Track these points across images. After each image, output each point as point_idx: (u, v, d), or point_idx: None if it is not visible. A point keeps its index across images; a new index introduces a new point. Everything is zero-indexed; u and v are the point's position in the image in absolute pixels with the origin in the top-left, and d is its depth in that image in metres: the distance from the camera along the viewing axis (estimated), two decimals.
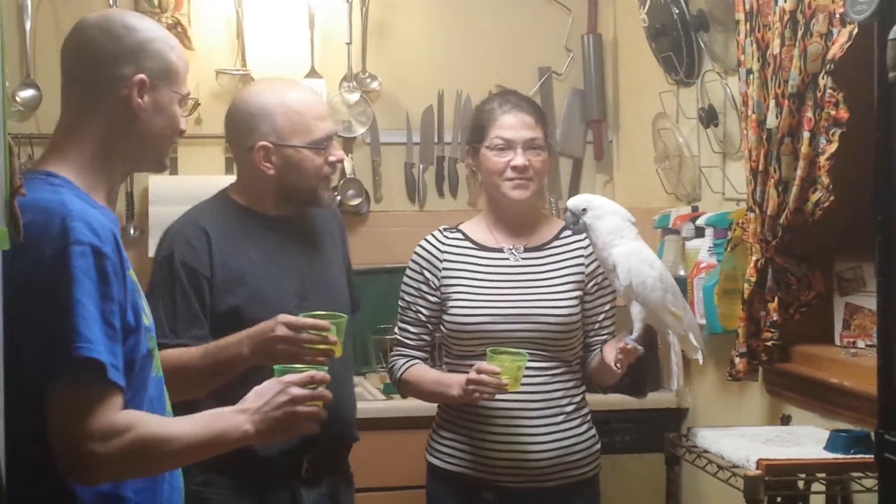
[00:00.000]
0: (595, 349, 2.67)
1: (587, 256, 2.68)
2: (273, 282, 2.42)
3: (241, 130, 2.45)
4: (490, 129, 2.64)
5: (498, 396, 2.51)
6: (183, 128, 1.85)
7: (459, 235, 2.73)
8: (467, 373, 2.51)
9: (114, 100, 1.77)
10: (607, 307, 2.70)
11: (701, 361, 2.61)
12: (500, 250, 2.69)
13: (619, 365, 2.50)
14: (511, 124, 2.63)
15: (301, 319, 2.21)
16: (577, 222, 2.51)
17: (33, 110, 3.69)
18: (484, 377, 2.44)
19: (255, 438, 1.81)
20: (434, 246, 2.71)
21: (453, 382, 2.55)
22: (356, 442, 2.60)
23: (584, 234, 2.58)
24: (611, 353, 2.52)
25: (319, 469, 2.47)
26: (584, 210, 2.50)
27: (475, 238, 2.72)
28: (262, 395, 1.84)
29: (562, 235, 2.71)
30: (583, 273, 2.67)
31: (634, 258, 2.46)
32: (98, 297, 1.62)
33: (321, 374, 1.93)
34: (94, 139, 1.76)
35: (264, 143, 2.40)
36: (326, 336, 2.17)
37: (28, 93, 3.65)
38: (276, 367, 1.99)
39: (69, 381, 1.61)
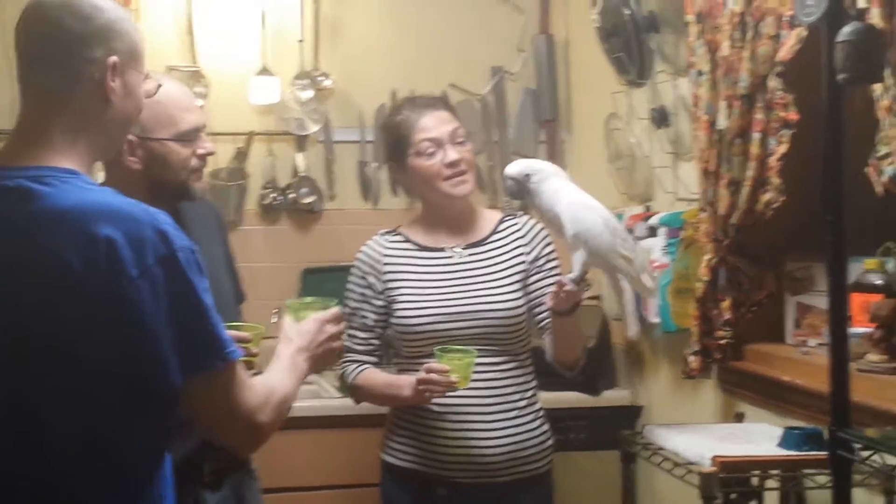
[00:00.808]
0: (549, 329, 2.64)
1: (527, 244, 2.69)
2: None
3: None
4: (412, 136, 2.62)
5: (449, 394, 2.51)
6: (141, 110, 1.79)
7: (400, 238, 2.73)
8: (418, 373, 2.51)
9: (87, 84, 1.67)
10: (555, 286, 2.68)
11: (651, 295, 2.68)
12: (442, 249, 2.69)
13: (554, 304, 2.47)
14: (431, 124, 2.62)
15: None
16: (520, 189, 2.51)
17: None
18: (433, 376, 2.45)
19: (308, 372, 1.96)
20: (375, 250, 2.70)
21: (404, 384, 2.56)
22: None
23: (524, 221, 2.68)
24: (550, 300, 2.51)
25: (220, 472, 2.42)
26: (528, 176, 2.51)
27: (416, 239, 2.71)
28: (305, 334, 1.98)
29: (500, 228, 2.72)
30: (524, 262, 2.68)
31: (577, 206, 2.46)
32: (209, 295, 1.66)
33: (336, 310, 2.09)
34: (75, 128, 1.68)
35: (129, 136, 2.29)
36: (248, 348, 2.13)
37: None
38: (288, 302, 2.10)
39: (215, 374, 1.65)
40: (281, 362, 1.91)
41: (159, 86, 1.86)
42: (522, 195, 2.53)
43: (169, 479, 1.74)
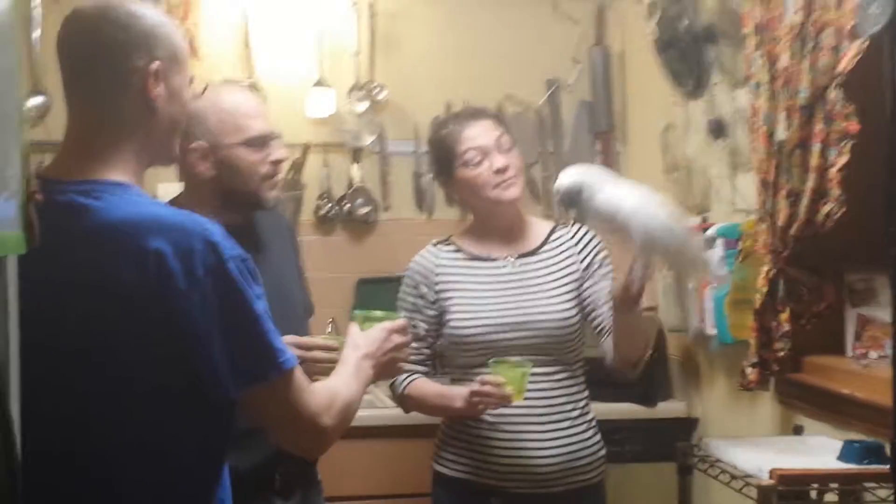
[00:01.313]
0: (611, 331, 2.60)
1: (579, 252, 2.68)
2: None
3: (182, 136, 2.46)
4: (458, 147, 2.63)
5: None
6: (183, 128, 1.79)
7: (452, 248, 2.74)
8: (470, 383, 2.52)
9: (132, 93, 1.67)
10: (609, 289, 2.64)
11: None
12: (495, 259, 2.70)
13: (620, 292, 2.39)
14: (476, 133, 2.63)
15: (310, 340, 2.27)
16: (570, 202, 2.41)
17: (42, 117, 3.70)
18: (488, 388, 2.45)
19: (373, 379, 1.99)
20: (428, 260, 2.72)
21: (456, 395, 2.56)
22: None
23: (575, 230, 2.68)
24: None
25: (291, 481, 2.47)
26: (580, 190, 2.39)
27: (468, 249, 2.72)
28: (373, 341, 2.00)
29: (552, 238, 2.72)
30: (577, 269, 2.67)
31: (643, 212, 2.34)
32: (262, 303, 1.66)
33: (404, 321, 2.13)
34: (122, 138, 1.68)
35: (198, 143, 2.39)
36: (334, 356, 2.18)
37: (37, 100, 3.66)
38: (356, 312, 2.15)
39: (271, 384, 1.66)
40: (347, 367, 1.92)
41: (206, 87, 1.86)
42: (572, 206, 2.44)
43: (227, 489, 1.75)
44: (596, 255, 2.70)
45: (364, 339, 2.00)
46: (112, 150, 1.68)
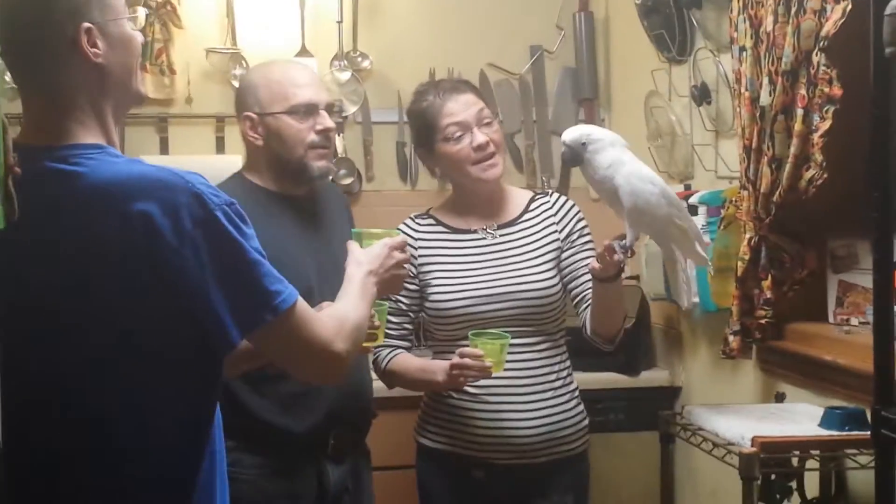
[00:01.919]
0: (588, 304, 2.61)
1: (558, 221, 2.68)
2: (292, 259, 2.42)
3: (237, 107, 2.55)
4: (439, 122, 2.62)
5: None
6: (142, 39, 1.76)
7: (431, 221, 2.73)
8: (451, 356, 2.51)
9: (74, 63, 1.65)
10: (589, 260, 2.63)
11: (710, 268, 2.64)
12: (474, 231, 2.69)
13: (599, 268, 2.41)
14: (458, 108, 2.62)
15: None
16: (574, 157, 2.44)
17: None
18: (467, 361, 2.44)
19: (375, 298, 2.03)
20: (407, 234, 2.69)
21: (437, 369, 2.55)
22: (375, 418, 2.64)
23: (555, 199, 2.69)
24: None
25: (344, 446, 2.51)
26: (584, 144, 2.41)
27: (447, 222, 2.71)
28: (375, 257, 2.05)
29: (531, 207, 2.71)
30: (558, 239, 2.67)
31: (635, 178, 2.38)
32: (255, 243, 1.67)
33: (404, 237, 2.19)
34: (82, 101, 1.67)
35: (248, 113, 2.48)
36: (372, 321, 2.18)
37: None
38: (356, 230, 2.19)
39: (271, 326, 1.67)
40: (353, 286, 1.96)
41: (147, 14, 1.82)
42: (577, 162, 2.46)
43: (220, 433, 1.76)
44: (575, 224, 2.69)
45: (366, 256, 2.04)
46: (73, 118, 1.67)
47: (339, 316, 1.82)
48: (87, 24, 1.66)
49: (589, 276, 2.56)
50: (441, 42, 3.98)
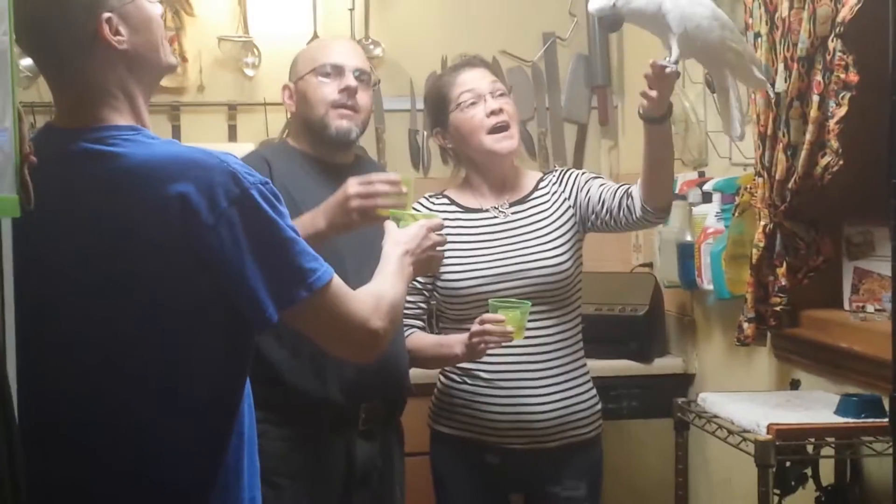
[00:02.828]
0: (627, 189, 2.58)
1: (565, 189, 2.68)
2: None
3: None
4: (452, 92, 2.65)
5: (498, 358, 2.54)
6: (160, 12, 1.76)
7: (445, 201, 2.73)
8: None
9: (98, 54, 1.66)
10: (604, 182, 2.67)
11: (772, 92, 2.55)
12: (486, 210, 2.69)
13: (650, 92, 2.36)
14: (470, 78, 2.66)
15: (372, 175, 2.31)
16: (613, 20, 2.36)
17: (35, 78, 3.66)
18: (488, 327, 2.43)
19: (412, 277, 2.06)
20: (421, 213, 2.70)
21: (455, 342, 2.55)
22: (410, 396, 2.62)
23: (559, 172, 2.68)
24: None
25: (375, 422, 2.50)
26: (615, 4, 2.32)
27: (460, 201, 2.72)
28: (412, 237, 2.07)
29: (540, 186, 2.72)
30: (569, 206, 2.67)
31: (684, 1, 2.30)
32: (289, 222, 1.68)
33: (440, 219, 2.20)
34: (111, 86, 1.68)
35: (287, 83, 2.57)
36: (399, 187, 2.26)
37: (28, 61, 3.62)
38: (392, 211, 2.19)
39: (307, 302, 1.68)
40: (389, 265, 1.98)
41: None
42: (617, 25, 2.40)
43: (251, 413, 1.77)
44: (578, 176, 2.71)
45: (404, 236, 2.07)
46: (105, 104, 1.68)
47: (376, 293, 1.83)
48: (106, 14, 1.66)
49: (609, 187, 2.60)
50: (453, 29, 3.98)
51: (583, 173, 2.74)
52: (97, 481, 1.66)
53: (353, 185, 2.27)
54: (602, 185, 2.66)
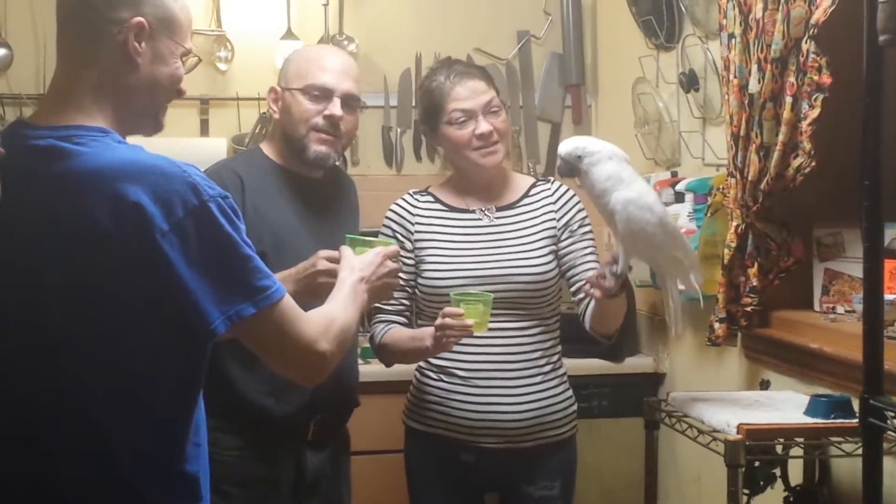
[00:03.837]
0: (588, 298, 2.59)
1: (557, 210, 2.67)
2: (294, 237, 2.44)
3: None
4: (446, 105, 2.61)
5: (475, 357, 2.55)
6: (183, 87, 1.78)
7: (430, 198, 2.72)
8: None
9: (111, 44, 1.68)
10: (588, 250, 2.66)
11: (700, 301, 2.60)
12: (472, 211, 2.68)
13: (593, 290, 2.41)
14: (465, 94, 2.61)
15: (340, 252, 2.28)
16: (570, 170, 2.40)
17: (4, 70, 3.64)
18: (448, 321, 2.43)
19: (366, 304, 2.04)
20: (405, 209, 2.70)
21: (425, 335, 2.54)
22: (357, 406, 2.64)
23: (555, 187, 2.67)
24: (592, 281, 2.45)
25: (324, 433, 2.52)
26: (580, 157, 2.37)
27: (446, 200, 2.71)
28: (368, 264, 2.07)
29: (531, 193, 2.71)
30: (554, 227, 2.66)
31: (633, 206, 2.34)
32: (245, 238, 1.67)
33: (396, 247, 2.21)
34: (101, 88, 1.69)
35: (274, 86, 2.53)
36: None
37: None
38: (350, 236, 2.19)
39: (256, 318, 1.66)
40: (343, 290, 1.97)
41: (199, 61, 1.84)
42: (573, 175, 2.42)
43: (203, 425, 1.76)
44: (575, 213, 2.69)
45: (359, 263, 2.06)
46: (91, 99, 1.69)
47: (328, 316, 1.83)
48: (140, 20, 1.68)
49: (587, 268, 2.60)
50: (428, 26, 3.97)
51: (583, 220, 2.69)
52: (57, 486, 1.65)
53: (321, 262, 2.25)
54: (584, 254, 2.64)
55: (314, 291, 2.22)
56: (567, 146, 2.41)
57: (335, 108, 2.46)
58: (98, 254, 1.60)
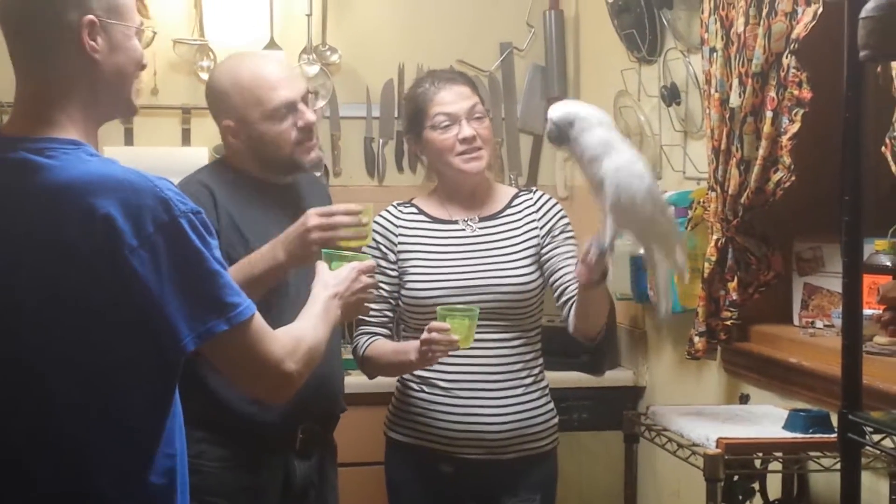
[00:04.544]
0: (571, 300, 2.59)
1: (540, 218, 2.68)
2: None
3: (212, 110, 2.52)
4: (429, 109, 2.62)
5: (457, 368, 2.54)
6: (145, 62, 1.77)
7: (413, 210, 2.72)
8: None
9: (68, 48, 1.66)
10: (570, 254, 2.64)
11: (686, 276, 2.55)
12: (455, 222, 2.68)
13: (582, 273, 2.37)
14: (449, 99, 2.61)
15: (332, 206, 2.28)
16: (560, 136, 2.35)
17: None
18: (434, 336, 2.42)
19: (340, 320, 2.02)
20: (389, 221, 2.70)
21: (410, 348, 2.53)
22: (344, 413, 2.63)
23: (537, 196, 2.66)
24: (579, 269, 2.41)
25: (311, 441, 2.50)
26: (571, 123, 2.32)
27: (429, 212, 2.71)
28: (342, 280, 2.04)
29: (514, 203, 2.71)
30: (538, 236, 2.66)
31: (624, 172, 2.28)
32: (217, 254, 1.66)
33: (372, 262, 2.15)
34: (68, 94, 1.68)
35: (227, 122, 2.45)
36: (360, 218, 2.24)
37: None
38: (326, 251, 2.14)
39: (225, 336, 1.65)
40: (315, 306, 1.95)
41: (154, 33, 1.82)
42: (562, 142, 2.36)
43: (177, 436, 1.74)
44: (557, 220, 2.69)
45: (333, 279, 2.04)
46: (60, 108, 1.67)
47: (296, 336, 1.80)
48: (90, 17, 1.66)
49: (569, 271, 2.58)
50: (411, 37, 3.97)
51: (565, 226, 2.69)
52: (25, 500, 1.63)
53: (313, 218, 2.24)
54: (566, 258, 2.63)
55: (307, 254, 2.23)
56: (559, 111, 2.35)
57: (307, 114, 2.45)
58: (68, 268, 1.59)
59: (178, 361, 1.68)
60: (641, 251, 2.57)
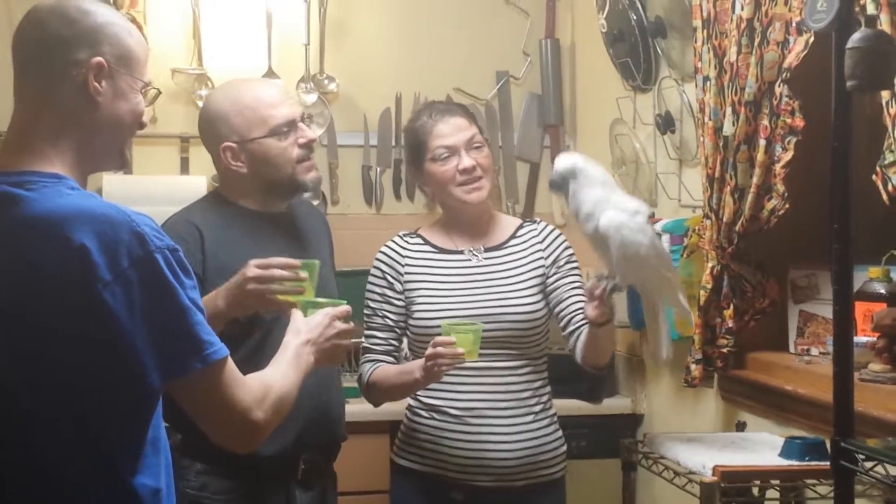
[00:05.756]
0: (578, 330, 2.62)
1: (545, 249, 2.69)
2: None
3: (207, 137, 2.52)
4: (429, 142, 2.64)
5: (467, 396, 2.56)
6: (145, 120, 1.78)
7: (419, 240, 2.74)
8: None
9: (71, 86, 1.67)
10: (574, 284, 2.67)
11: (691, 321, 2.61)
12: (461, 252, 2.70)
13: (592, 312, 2.43)
14: (448, 131, 2.64)
15: (271, 259, 2.26)
16: (562, 186, 2.43)
17: None
18: (440, 349, 2.43)
19: (314, 366, 1.98)
20: (395, 251, 2.71)
21: (414, 367, 2.54)
22: (345, 441, 2.63)
23: (542, 227, 2.67)
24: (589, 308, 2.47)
25: (313, 471, 2.50)
26: (574, 176, 2.40)
27: (434, 242, 2.72)
28: (315, 326, 2.02)
29: (518, 234, 2.73)
30: (543, 266, 2.68)
31: (626, 229, 2.35)
32: (192, 293, 1.65)
33: (347, 307, 2.11)
34: (61, 131, 1.68)
35: (227, 143, 2.45)
36: (297, 273, 2.21)
37: None
38: (301, 300, 2.13)
39: (196, 375, 1.64)
40: (286, 353, 1.93)
41: (158, 93, 1.84)
42: (562, 190, 2.44)
43: (167, 470, 1.73)
44: (563, 251, 2.71)
45: (305, 325, 2.02)
46: (50, 143, 1.67)
47: (265, 384, 1.78)
48: (100, 60, 1.68)
49: (574, 301, 2.61)
50: (408, 66, 3.99)
51: (570, 257, 2.71)
52: None
53: (251, 269, 2.23)
54: (572, 288, 2.66)
55: (244, 301, 2.22)
56: (565, 162, 2.44)
57: (307, 132, 2.48)
58: (43, 299, 1.59)
59: (148, 395, 1.66)
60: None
